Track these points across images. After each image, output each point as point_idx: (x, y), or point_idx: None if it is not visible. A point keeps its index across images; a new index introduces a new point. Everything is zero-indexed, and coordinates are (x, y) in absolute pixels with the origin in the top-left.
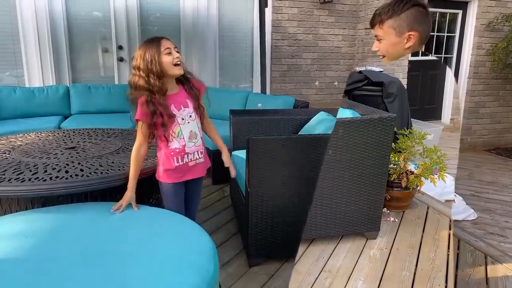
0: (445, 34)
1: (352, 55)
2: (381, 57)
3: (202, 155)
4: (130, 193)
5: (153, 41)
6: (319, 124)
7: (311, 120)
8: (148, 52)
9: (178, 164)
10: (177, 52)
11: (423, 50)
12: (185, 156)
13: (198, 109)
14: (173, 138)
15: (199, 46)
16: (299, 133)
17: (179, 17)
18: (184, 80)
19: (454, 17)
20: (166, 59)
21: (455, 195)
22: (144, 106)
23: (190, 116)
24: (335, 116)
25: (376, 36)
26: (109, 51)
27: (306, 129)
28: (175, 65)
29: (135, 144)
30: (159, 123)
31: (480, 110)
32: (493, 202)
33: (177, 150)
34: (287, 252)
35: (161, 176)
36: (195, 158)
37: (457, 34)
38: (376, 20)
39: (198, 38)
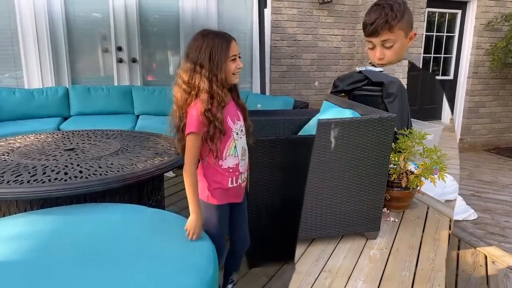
0: (445, 34)
1: (352, 56)
2: (379, 65)
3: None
4: (201, 220)
5: (222, 40)
6: None
7: (311, 120)
8: (215, 52)
9: (232, 185)
10: (239, 57)
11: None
12: (239, 176)
13: (246, 122)
14: (227, 156)
15: None
16: (298, 134)
17: (178, 17)
18: (232, 88)
19: (453, 17)
20: (230, 67)
21: (458, 195)
22: (202, 115)
23: (242, 130)
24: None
25: (384, 41)
26: (109, 52)
27: (306, 130)
28: (233, 73)
29: (189, 164)
30: (215, 136)
31: (479, 110)
32: (493, 202)
33: (231, 170)
34: (287, 254)
35: (209, 197)
36: (245, 177)
37: (456, 34)
38: (384, 27)
39: None
